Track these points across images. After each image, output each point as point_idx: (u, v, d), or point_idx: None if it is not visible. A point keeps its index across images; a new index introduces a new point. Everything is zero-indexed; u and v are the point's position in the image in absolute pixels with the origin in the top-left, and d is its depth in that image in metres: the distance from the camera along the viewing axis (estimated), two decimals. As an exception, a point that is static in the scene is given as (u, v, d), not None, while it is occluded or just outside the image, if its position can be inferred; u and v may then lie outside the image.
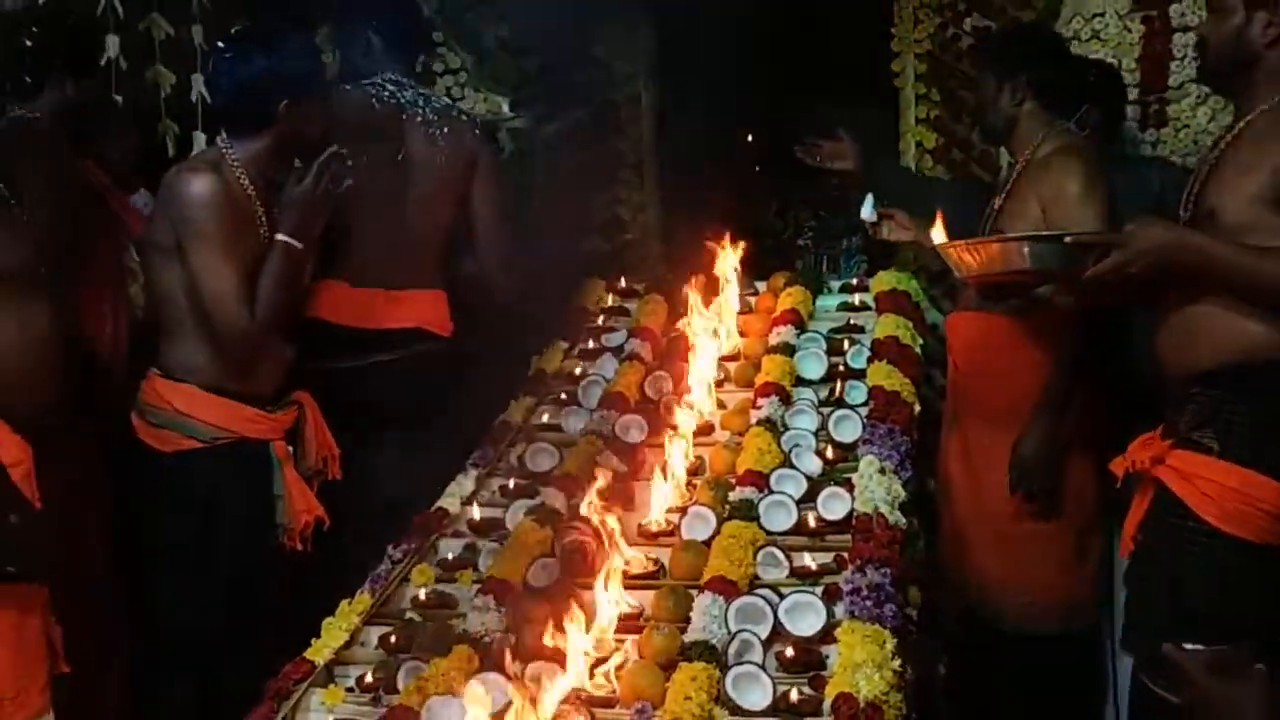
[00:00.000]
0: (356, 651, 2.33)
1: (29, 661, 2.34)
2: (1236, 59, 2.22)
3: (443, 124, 3.13)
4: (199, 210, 2.59)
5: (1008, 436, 2.92)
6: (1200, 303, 2.21)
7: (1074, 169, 2.81)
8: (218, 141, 2.74)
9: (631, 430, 2.89)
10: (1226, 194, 2.15)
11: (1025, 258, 2.34)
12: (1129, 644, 2.37)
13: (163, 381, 2.68)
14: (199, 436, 2.65)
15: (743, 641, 2.11)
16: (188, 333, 2.66)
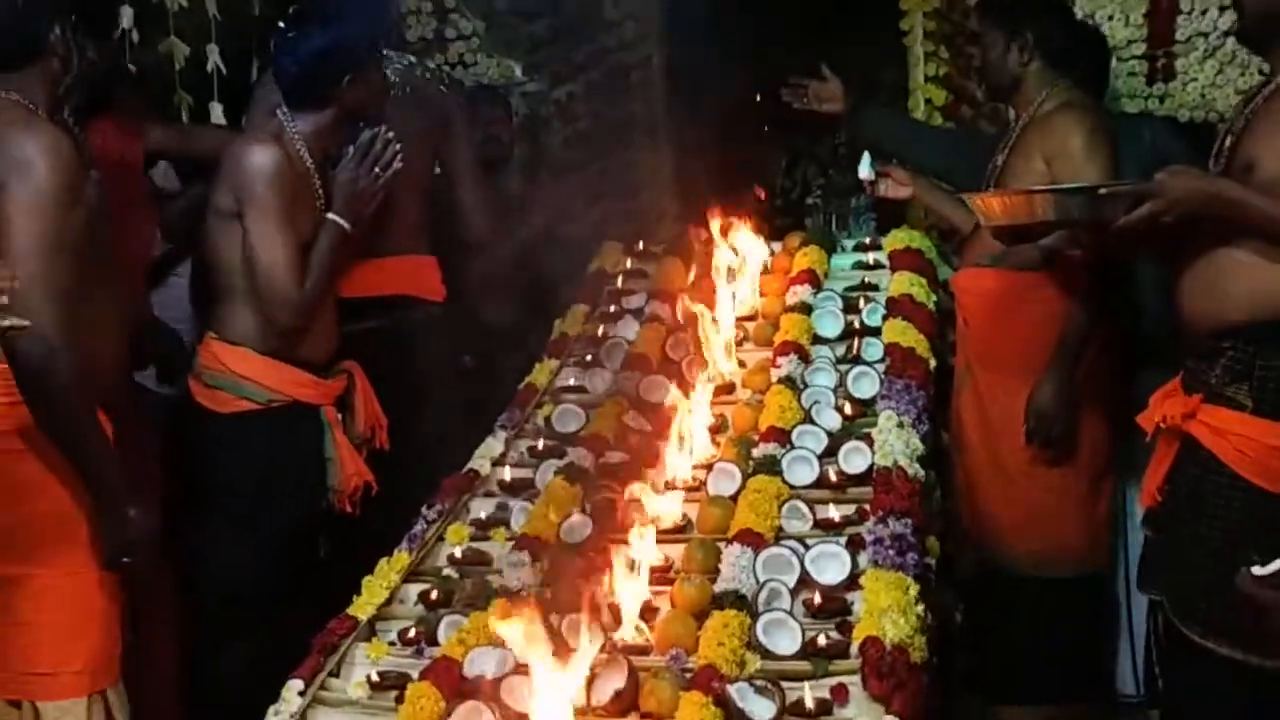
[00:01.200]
0: (396, 608, 2.41)
1: (105, 634, 2.40)
2: (1270, 13, 2.24)
3: (405, 84, 3.16)
4: (259, 181, 2.65)
5: (1018, 389, 2.99)
6: (1230, 255, 2.21)
7: (1078, 125, 2.87)
8: (279, 114, 2.79)
9: (655, 390, 2.96)
10: (1265, 148, 2.14)
11: (1055, 209, 2.34)
12: (1152, 586, 2.43)
13: (220, 345, 2.74)
14: (255, 399, 2.72)
15: (771, 590, 2.19)
16: (245, 298, 2.72)
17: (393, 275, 3.15)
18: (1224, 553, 2.22)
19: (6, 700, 2.35)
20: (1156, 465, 2.39)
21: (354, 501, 2.84)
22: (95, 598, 2.37)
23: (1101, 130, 2.86)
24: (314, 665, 2.19)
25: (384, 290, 3.13)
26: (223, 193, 2.73)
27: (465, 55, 4.32)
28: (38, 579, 2.32)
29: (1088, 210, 2.30)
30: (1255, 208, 2.13)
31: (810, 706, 1.94)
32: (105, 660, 2.39)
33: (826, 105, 3.57)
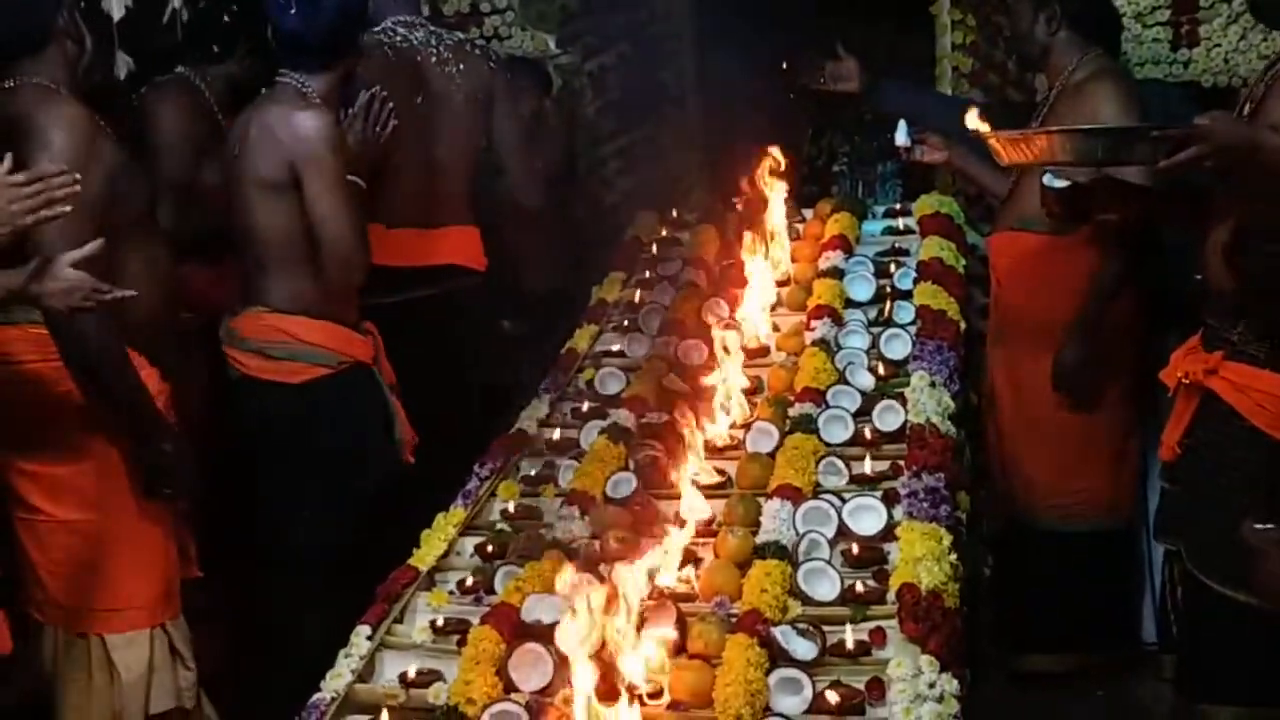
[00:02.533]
0: (454, 559, 2.54)
1: (167, 565, 2.59)
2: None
3: (458, 60, 3.22)
4: (321, 146, 2.66)
5: (1049, 350, 3.09)
6: (1253, 216, 2.29)
7: (1110, 93, 2.95)
8: (290, 79, 2.77)
9: (693, 354, 3.07)
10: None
11: (1103, 150, 2.36)
12: (1168, 536, 2.54)
13: (277, 317, 2.76)
14: (327, 363, 2.77)
15: (811, 541, 2.31)
16: (298, 266, 2.73)
17: (444, 245, 3.23)
18: (1242, 503, 2.32)
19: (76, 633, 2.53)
20: (1177, 420, 2.48)
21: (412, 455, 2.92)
22: (150, 536, 2.54)
23: (1133, 98, 2.94)
24: (380, 612, 2.33)
25: (436, 259, 3.20)
26: (270, 163, 2.70)
27: (500, 29, 4.40)
28: (93, 522, 2.50)
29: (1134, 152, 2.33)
30: None
31: (850, 647, 2.07)
32: (164, 595, 2.58)
33: (842, 85, 3.63)
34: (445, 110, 3.20)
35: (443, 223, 3.24)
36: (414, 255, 3.15)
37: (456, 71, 3.21)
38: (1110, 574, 3.20)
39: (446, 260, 3.22)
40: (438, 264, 3.20)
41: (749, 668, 1.96)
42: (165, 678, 2.56)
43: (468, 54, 3.27)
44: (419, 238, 3.18)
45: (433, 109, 3.18)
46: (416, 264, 3.15)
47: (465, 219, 3.29)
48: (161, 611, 2.56)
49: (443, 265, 3.23)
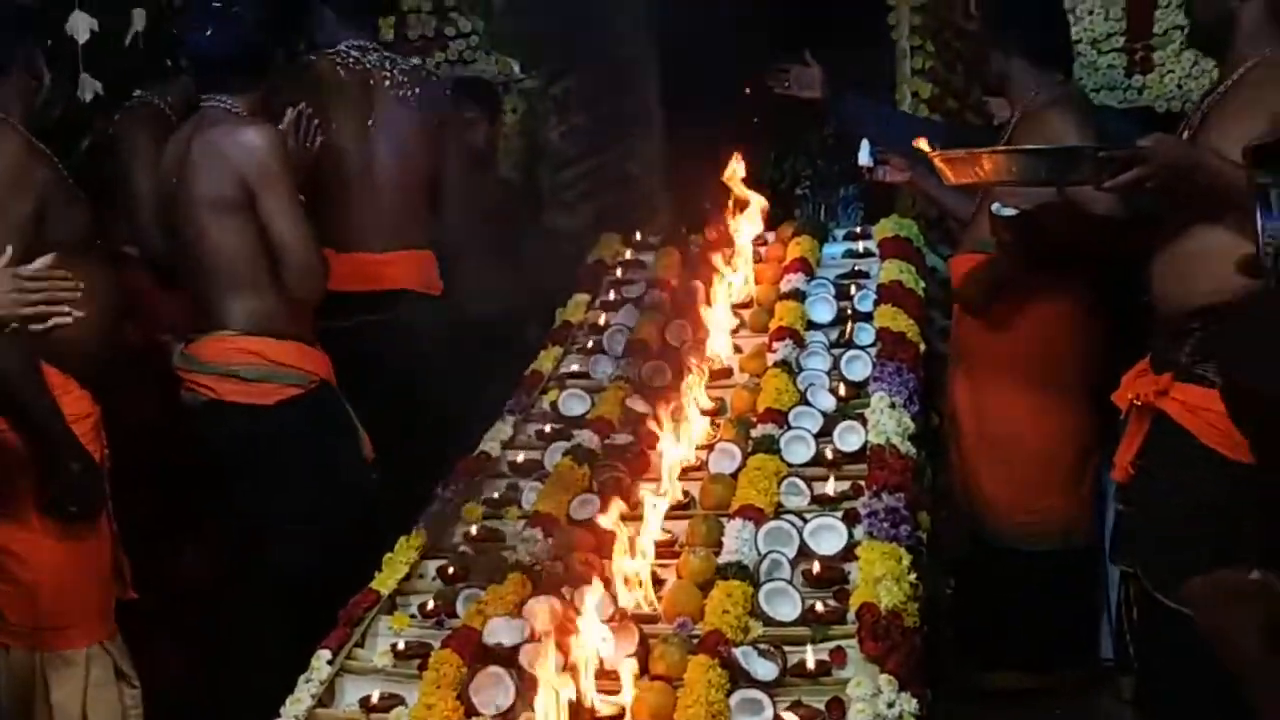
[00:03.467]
0: (416, 583, 2.54)
1: (97, 586, 2.60)
2: (1217, 19, 2.37)
3: (413, 84, 3.23)
4: (274, 161, 2.70)
5: (1009, 372, 3.13)
6: (1199, 239, 2.34)
7: (1068, 119, 2.99)
8: (215, 101, 2.78)
9: (656, 375, 3.08)
10: (1224, 139, 2.26)
11: (1047, 170, 2.41)
12: (1124, 557, 2.57)
13: (245, 339, 2.77)
14: (298, 383, 2.79)
15: (772, 561, 2.32)
16: (260, 286, 2.75)
17: (396, 270, 3.23)
18: (1195, 523, 2.36)
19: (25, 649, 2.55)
20: (1129, 441, 2.52)
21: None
22: (84, 556, 2.55)
23: (1090, 124, 2.99)
24: (341, 636, 2.32)
25: (384, 284, 3.20)
26: (221, 183, 2.71)
27: (465, 53, 4.43)
28: (27, 541, 2.52)
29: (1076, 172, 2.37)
30: (1231, 179, 2.20)
31: (811, 668, 2.08)
32: (100, 615, 2.59)
33: (806, 91, 3.67)
34: (398, 133, 3.21)
35: (396, 246, 3.23)
36: (366, 280, 3.14)
37: (410, 96, 3.22)
38: (1069, 593, 3.23)
39: (399, 285, 3.21)
40: (391, 289, 3.19)
41: (710, 689, 1.96)
42: (107, 695, 2.56)
43: (423, 79, 3.29)
44: (371, 262, 3.17)
45: (385, 132, 3.19)
46: (368, 289, 3.14)
47: (419, 243, 3.28)
48: (97, 631, 2.57)
49: (396, 289, 3.22)
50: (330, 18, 3.25)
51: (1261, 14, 2.33)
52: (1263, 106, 2.26)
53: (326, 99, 3.12)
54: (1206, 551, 2.34)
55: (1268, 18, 2.33)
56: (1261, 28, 2.33)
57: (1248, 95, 2.30)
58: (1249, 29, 2.34)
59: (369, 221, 3.18)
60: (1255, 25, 2.34)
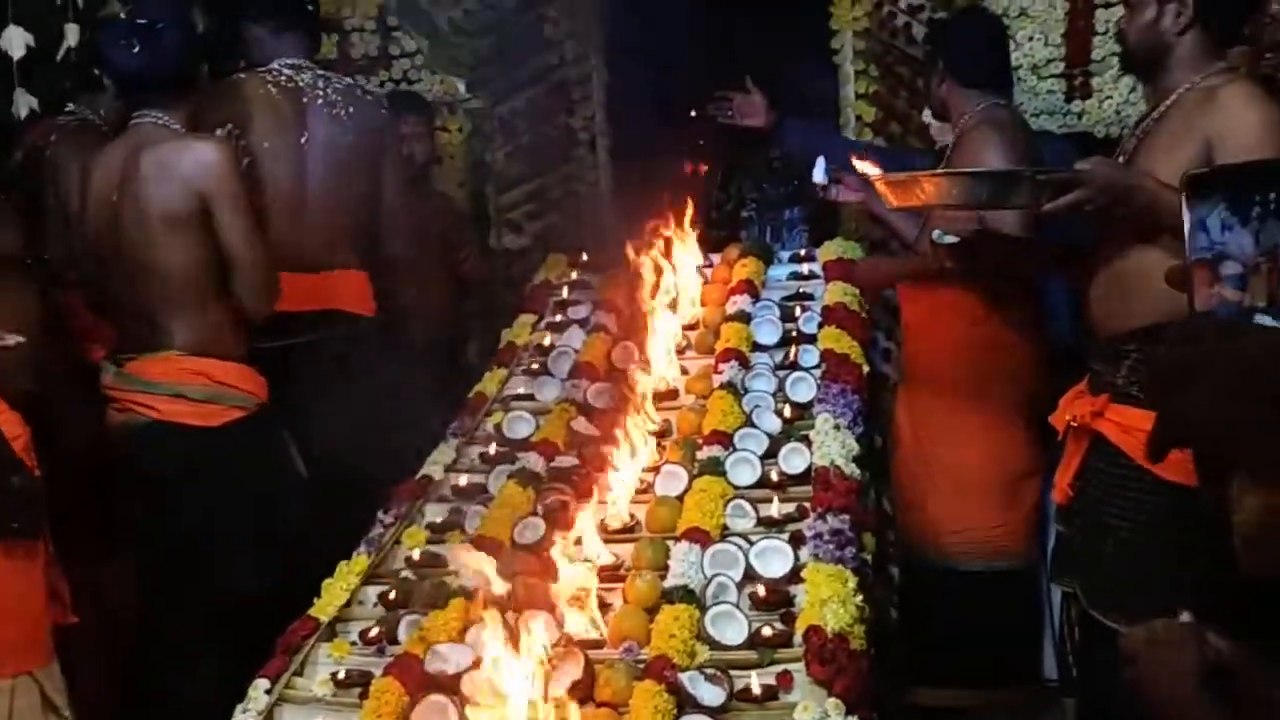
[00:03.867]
0: (356, 609, 2.49)
1: (31, 611, 2.51)
2: (1152, 48, 2.41)
3: (347, 103, 3.20)
4: (229, 174, 2.69)
5: (948, 394, 3.16)
6: (1134, 261, 2.37)
7: (985, 140, 3.06)
8: (149, 117, 2.76)
9: (602, 397, 3.06)
10: (1158, 164, 2.30)
11: (987, 193, 2.42)
12: (1064, 577, 2.59)
13: (191, 359, 2.74)
14: (244, 405, 2.76)
15: (718, 584, 2.31)
16: (207, 304, 2.73)
17: (327, 291, 3.18)
18: (1133, 541, 2.39)
19: None
20: (1067, 463, 2.55)
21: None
22: (12, 581, 2.47)
23: (1009, 145, 3.02)
24: (279, 665, 2.26)
25: (317, 305, 3.15)
26: (175, 196, 2.68)
27: (409, 73, 4.41)
28: None
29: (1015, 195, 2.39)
30: (1167, 200, 2.21)
31: (757, 692, 2.06)
32: (28, 643, 2.50)
33: (749, 120, 3.68)
34: (332, 153, 3.18)
35: (329, 266, 3.19)
36: (298, 300, 3.07)
37: (345, 115, 3.19)
38: (1010, 613, 3.25)
39: (332, 305, 3.17)
40: (323, 309, 3.15)
41: (656, 715, 1.94)
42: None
43: (358, 98, 3.25)
44: (304, 282, 3.11)
45: (318, 150, 3.16)
46: (301, 309, 3.08)
47: (353, 263, 3.25)
48: (26, 659, 2.48)
49: (329, 310, 3.18)
50: (264, 36, 3.22)
51: (1194, 46, 2.38)
52: (1195, 133, 2.30)
53: (257, 117, 3.09)
54: (1144, 572, 2.38)
55: (1200, 48, 2.37)
56: (1196, 56, 2.38)
57: (1180, 122, 2.34)
58: (1183, 58, 2.39)
59: (302, 240, 3.14)
60: (1190, 54, 2.38)
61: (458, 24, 4.37)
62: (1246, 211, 0.85)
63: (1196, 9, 2.35)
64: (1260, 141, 2.22)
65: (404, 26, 4.39)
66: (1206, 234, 0.85)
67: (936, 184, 2.48)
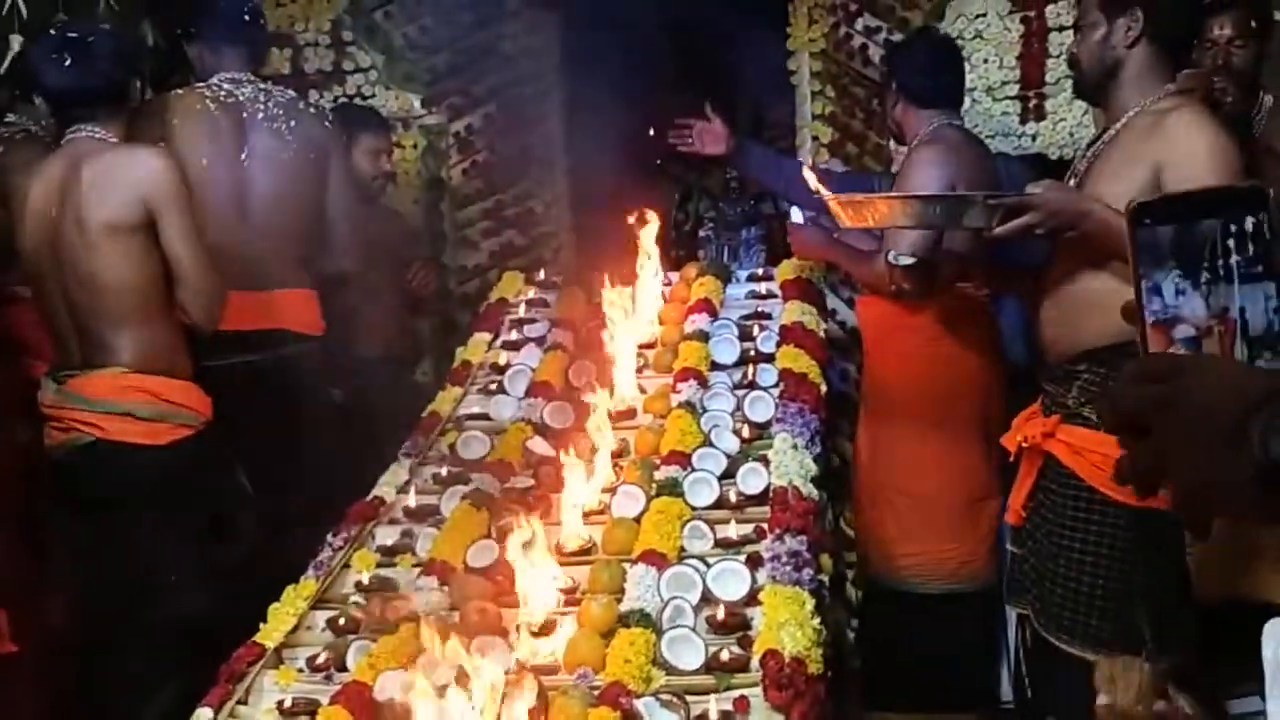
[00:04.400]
0: (304, 635, 2.42)
1: None
2: (1104, 67, 2.42)
3: (289, 117, 3.15)
4: (175, 184, 2.65)
5: (907, 414, 3.15)
6: (1084, 283, 2.38)
7: (924, 158, 3.08)
8: (85, 131, 2.72)
9: (559, 416, 3.02)
10: (1108, 188, 2.31)
11: (939, 215, 2.43)
12: (1018, 599, 2.58)
13: (137, 376, 2.69)
14: (191, 423, 2.70)
15: (675, 608, 2.27)
16: (154, 319, 2.68)
17: (274, 309, 3.12)
18: (1084, 562, 2.39)
19: None
20: (1020, 484, 2.54)
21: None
22: None
23: (945, 165, 3.02)
24: (222, 694, 2.19)
25: (261, 324, 3.09)
26: (119, 206, 2.65)
27: (364, 88, 4.36)
28: None
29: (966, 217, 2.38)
30: (1117, 225, 2.25)
31: (714, 718, 2.02)
32: None
33: (710, 148, 3.66)
34: (275, 168, 3.11)
35: (274, 285, 3.13)
36: (241, 318, 3.01)
37: (287, 129, 3.13)
38: (969, 635, 3.24)
39: (277, 324, 3.10)
40: (268, 328, 3.08)
41: (611, 742, 1.90)
42: None
43: (301, 112, 3.19)
44: (247, 300, 3.04)
45: (260, 167, 3.10)
46: (244, 328, 3.01)
47: (299, 281, 3.19)
48: None
49: (274, 329, 3.11)
50: (204, 50, 3.17)
51: (1145, 61, 2.38)
52: (1143, 157, 2.31)
53: (193, 133, 3.03)
54: (1096, 594, 2.37)
55: (1151, 65, 2.38)
56: (1144, 74, 2.39)
57: (1129, 146, 2.35)
58: (1133, 75, 2.39)
59: (245, 258, 3.07)
60: (1138, 72, 2.39)
61: (414, 39, 4.33)
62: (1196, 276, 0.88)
63: (1146, 23, 2.36)
64: (1207, 167, 2.24)
65: (359, 41, 4.33)
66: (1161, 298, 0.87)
67: (889, 205, 2.48)
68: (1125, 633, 2.35)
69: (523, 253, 4.52)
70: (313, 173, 3.19)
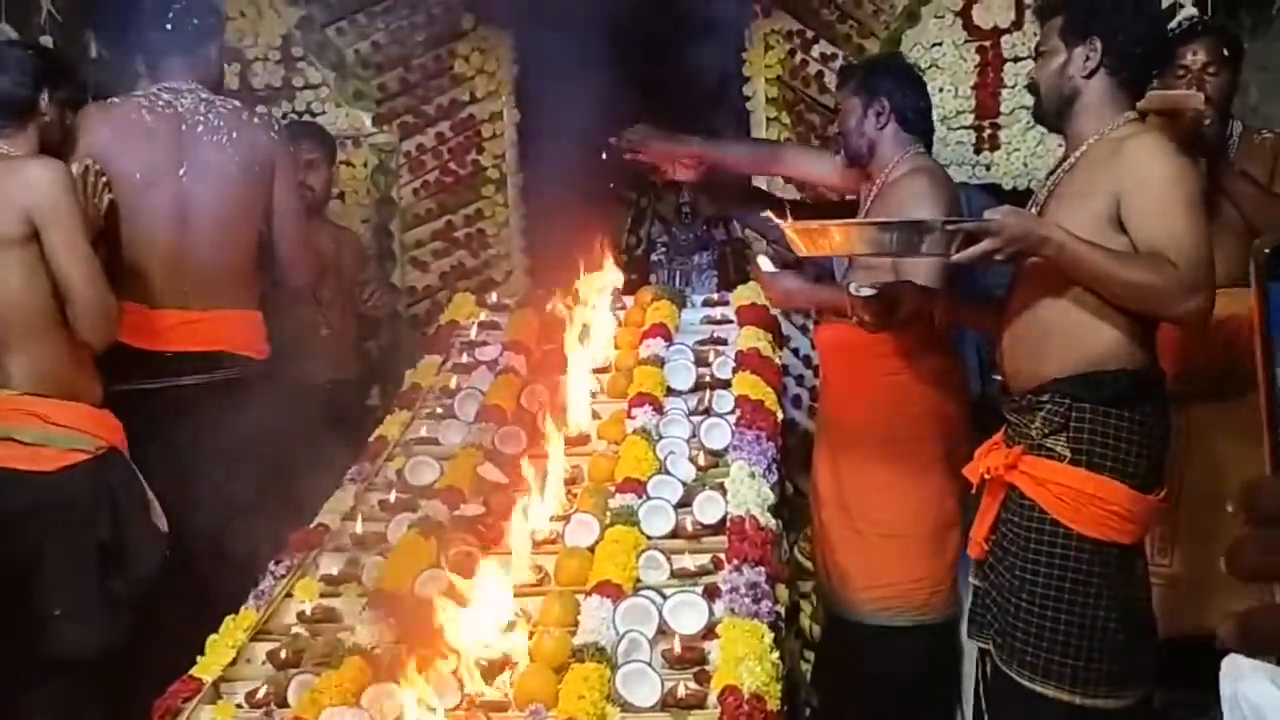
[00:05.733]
0: (243, 668, 2.32)
1: None
2: (1063, 95, 2.41)
3: (230, 129, 3.03)
4: (61, 195, 2.56)
5: (865, 443, 3.11)
6: (1047, 313, 2.36)
7: (923, 189, 3.01)
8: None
9: (510, 442, 2.95)
10: (1069, 217, 2.29)
11: (896, 242, 2.38)
12: (980, 633, 2.54)
13: (23, 398, 2.58)
14: (83, 447, 2.59)
15: (631, 641, 2.20)
16: (43, 339, 2.58)
17: (211, 330, 3.01)
18: (1047, 596, 2.35)
19: None
20: (982, 516, 2.51)
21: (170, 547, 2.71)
22: None
23: (943, 196, 3.00)
24: (155, 731, 2.09)
25: (201, 345, 2.98)
26: (5, 220, 2.56)
27: (313, 104, 4.27)
28: None
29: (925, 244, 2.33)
30: (1079, 252, 2.23)
31: (671, 756, 1.96)
32: None
33: (682, 174, 3.61)
34: (215, 182, 2.99)
35: (211, 305, 3.00)
36: (174, 339, 2.91)
37: (228, 141, 3.01)
38: (930, 668, 3.19)
39: (212, 346, 2.99)
40: (203, 350, 2.97)
41: (565, 783, 1.83)
42: None
43: (244, 123, 3.07)
44: (182, 319, 2.95)
45: (199, 180, 2.98)
46: (177, 349, 2.91)
47: (240, 301, 3.07)
48: None
49: (210, 351, 3.00)
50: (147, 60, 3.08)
51: (1104, 90, 2.38)
52: (1103, 185, 2.30)
53: (127, 145, 2.92)
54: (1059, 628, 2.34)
55: (1109, 94, 2.38)
56: (1104, 102, 2.38)
57: (1089, 174, 2.34)
58: (1092, 104, 2.39)
59: (182, 276, 2.96)
60: (1098, 100, 2.38)
61: (365, 56, 4.26)
62: None
63: (1105, 53, 2.35)
64: (1165, 192, 2.23)
65: (309, 57, 4.24)
66: None
67: (845, 233, 2.45)
68: (1087, 669, 2.32)
69: (473, 274, 4.44)
70: (257, 188, 3.07)
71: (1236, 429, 2.95)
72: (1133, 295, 2.24)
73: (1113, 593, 2.32)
